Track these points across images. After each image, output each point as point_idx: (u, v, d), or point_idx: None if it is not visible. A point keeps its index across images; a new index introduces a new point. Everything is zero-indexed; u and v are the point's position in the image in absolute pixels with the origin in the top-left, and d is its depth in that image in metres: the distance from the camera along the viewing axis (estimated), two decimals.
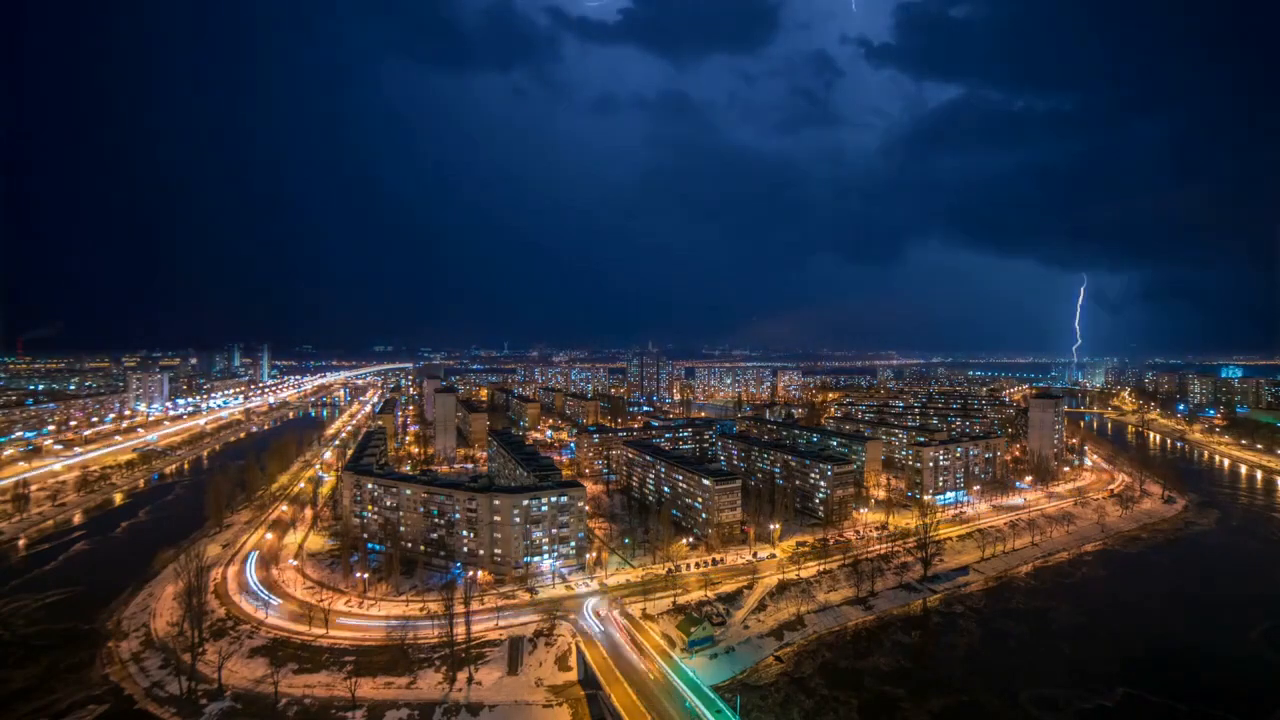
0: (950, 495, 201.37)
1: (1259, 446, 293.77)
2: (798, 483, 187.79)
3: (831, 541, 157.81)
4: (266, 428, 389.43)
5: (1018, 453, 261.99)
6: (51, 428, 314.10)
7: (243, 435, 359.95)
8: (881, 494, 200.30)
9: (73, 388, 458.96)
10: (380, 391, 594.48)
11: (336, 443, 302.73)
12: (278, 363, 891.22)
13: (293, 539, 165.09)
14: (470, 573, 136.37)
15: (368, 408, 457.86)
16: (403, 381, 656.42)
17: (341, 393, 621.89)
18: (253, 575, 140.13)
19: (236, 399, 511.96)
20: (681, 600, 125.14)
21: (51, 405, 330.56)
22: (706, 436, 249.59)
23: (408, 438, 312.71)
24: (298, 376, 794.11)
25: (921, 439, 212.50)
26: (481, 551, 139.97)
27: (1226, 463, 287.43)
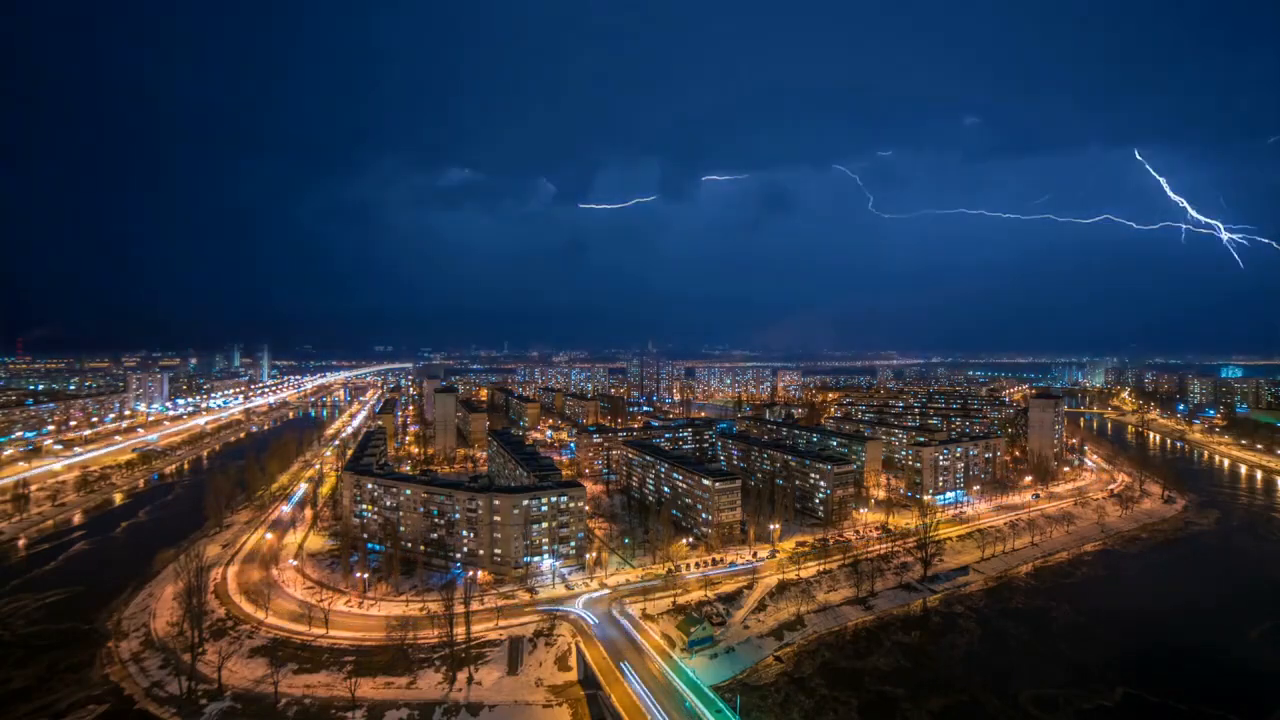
0: (950, 495, 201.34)
1: (1259, 446, 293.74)
2: (798, 483, 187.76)
3: (831, 541, 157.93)
4: (266, 428, 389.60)
5: (1018, 453, 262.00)
6: (51, 428, 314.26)
7: (243, 435, 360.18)
8: (881, 494, 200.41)
9: (73, 388, 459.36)
10: (380, 391, 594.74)
11: (336, 443, 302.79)
12: (278, 363, 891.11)
13: (293, 539, 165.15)
14: (470, 573, 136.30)
15: (368, 408, 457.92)
16: (403, 381, 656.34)
17: (341, 393, 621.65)
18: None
19: (236, 399, 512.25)
20: (681, 600, 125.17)
21: (51, 405, 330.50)
22: (706, 436, 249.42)
23: (408, 438, 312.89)
24: (298, 376, 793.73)
25: (921, 439, 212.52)
26: (481, 551, 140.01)
27: (1226, 463, 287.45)
